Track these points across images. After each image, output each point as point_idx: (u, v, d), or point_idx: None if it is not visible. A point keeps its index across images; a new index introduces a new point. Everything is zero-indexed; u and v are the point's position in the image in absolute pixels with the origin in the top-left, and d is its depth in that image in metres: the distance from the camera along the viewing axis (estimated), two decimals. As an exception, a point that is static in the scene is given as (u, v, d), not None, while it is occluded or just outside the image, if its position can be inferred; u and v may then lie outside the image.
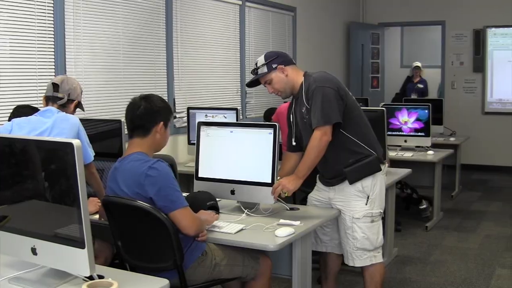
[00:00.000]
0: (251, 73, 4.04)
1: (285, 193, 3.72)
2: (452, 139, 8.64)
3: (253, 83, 4.05)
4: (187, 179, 5.23)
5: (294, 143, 4.05)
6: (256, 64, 3.96)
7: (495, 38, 10.89)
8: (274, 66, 3.87)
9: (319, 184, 4.17)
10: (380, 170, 3.97)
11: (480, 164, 10.84)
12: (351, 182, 3.88)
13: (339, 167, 3.88)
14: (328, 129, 3.70)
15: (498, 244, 6.40)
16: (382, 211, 4.02)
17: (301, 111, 3.89)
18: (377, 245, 3.97)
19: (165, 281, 2.51)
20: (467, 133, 9.71)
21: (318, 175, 4.17)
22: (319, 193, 4.13)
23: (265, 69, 3.89)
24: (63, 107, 3.85)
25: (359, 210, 3.89)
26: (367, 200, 3.89)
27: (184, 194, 3.50)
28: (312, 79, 3.84)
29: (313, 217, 3.72)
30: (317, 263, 4.73)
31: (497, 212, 7.95)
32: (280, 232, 3.29)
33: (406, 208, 7.56)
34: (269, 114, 6.64)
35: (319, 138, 3.69)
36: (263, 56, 3.95)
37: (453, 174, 8.90)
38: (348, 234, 3.93)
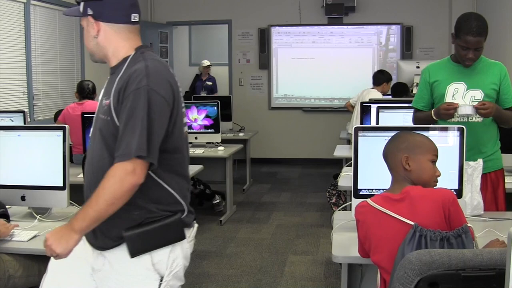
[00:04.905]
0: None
1: None
2: (241, 134, 8.95)
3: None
4: (-27, 187, 4.96)
5: None
6: None
7: (279, 37, 11.38)
8: (89, 12, 2.52)
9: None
10: (185, 237, 2.53)
11: (269, 157, 11.32)
12: (133, 255, 2.43)
13: (121, 221, 2.44)
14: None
15: (289, 232, 6.73)
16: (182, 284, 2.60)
17: (101, 101, 2.55)
18: None
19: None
20: (255, 128, 10.11)
21: None
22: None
23: (80, 8, 2.55)
24: None
25: None
26: (160, 283, 2.46)
27: (-29, 204, 3.34)
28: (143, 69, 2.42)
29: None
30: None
31: (286, 202, 8.36)
32: (76, 236, 3.22)
33: (199, 204, 7.70)
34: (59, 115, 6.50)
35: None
36: None
37: (244, 168, 9.26)
38: None
